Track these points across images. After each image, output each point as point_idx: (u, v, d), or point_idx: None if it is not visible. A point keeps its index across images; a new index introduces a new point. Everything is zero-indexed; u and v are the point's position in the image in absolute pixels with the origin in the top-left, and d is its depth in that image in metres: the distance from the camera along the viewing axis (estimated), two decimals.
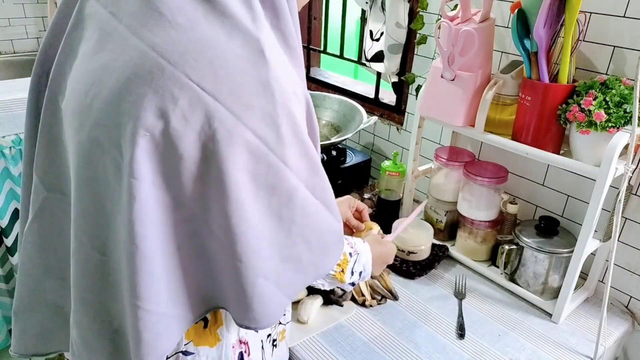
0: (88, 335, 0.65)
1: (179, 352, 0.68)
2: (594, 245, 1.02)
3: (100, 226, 0.60)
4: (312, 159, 0.63)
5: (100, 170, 0.57)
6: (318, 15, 1.87)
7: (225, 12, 0.54)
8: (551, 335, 1.02)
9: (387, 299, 1.10)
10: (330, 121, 1.61)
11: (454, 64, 1.05)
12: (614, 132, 0.89)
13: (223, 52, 0.53)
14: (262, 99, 0.55)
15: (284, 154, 0.58)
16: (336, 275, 0.79)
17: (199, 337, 0.69)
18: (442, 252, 1.23)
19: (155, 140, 0.52)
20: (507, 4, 1.14)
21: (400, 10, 1.36)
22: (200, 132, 0.53)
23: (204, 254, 0.61)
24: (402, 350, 0.96)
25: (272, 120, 0.56)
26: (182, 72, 0.51)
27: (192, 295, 0.63)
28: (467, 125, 1.10)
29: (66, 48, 0.61)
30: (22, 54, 2.39)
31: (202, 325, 0.69)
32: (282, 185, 0.59)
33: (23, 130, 0.70)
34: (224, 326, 0.70)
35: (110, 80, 0.53)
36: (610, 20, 0.99)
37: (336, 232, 0.71)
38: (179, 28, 0.52)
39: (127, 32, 0.54)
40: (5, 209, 1.63)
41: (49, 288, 0.71)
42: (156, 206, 0.55)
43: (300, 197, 0.62)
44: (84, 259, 0.62)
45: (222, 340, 0.70)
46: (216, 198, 0.56)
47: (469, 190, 1.17)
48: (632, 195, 1.05)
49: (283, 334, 0.83)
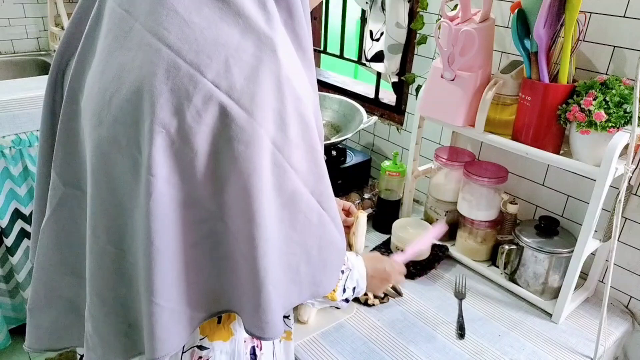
0: (103, 329, 0.66)
1: (194, 346, 0.69)
2: (594, 245, 1.02)
3: (117, 221, 0.61)
4: (319, 166, 0.62)
5: (118, 167, 0.58)
6: (318, 15, 1.87)
7: (239, 12, 0.55)
8: (551, 335, 1.02)
9: (390, 297, 1.10)
10: (330, 121, 1.61)
11: (454, 64, 1.05)
12: (614, 132, 0.89)
13: (237, 51, 0.54)
14: (274, 97, 0.55)
15: (291, 156, 0.58)
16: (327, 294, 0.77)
17: (213, 332, 0.70)
18: (442, 252, 1.23)
19: (171, 137, 0.53)
20: (507, 4, 1.14)
21: (400, 10, 1.36)
22: (213, 128, 0.54)
23: (219, 254, 0.61)
24: (402, 350, 0.96)
25: (281, 120, 0.56)
26: (196, 70, 0.52)
27: (203, 294, 0.63)
28: (467, 125, 1.10)
29: (86, 47, 0.62)
30: (22, 54, 2.39)
31: (216, 320, 0.69)
32: (286, 186, 0.59)
33: (23, 131, 0.70)
34: (236, 321, 0.71)
35: (128, 78, 0.54)
36: (610, 20, 0.99)
37: (339, 249, 0.70)
38: (194, 27, 0.53)
39: (143, 30, 0.55)
40: (5, 209, 1.63)
41: (65, 284, 0.72)
42: (172, 203, 0.56)
43: (304, 202, 0.61)
44: (100, 254, 0.63)
45: (235, 334, 0.71)
46: (233, 195, 0.56)
47: (469, 190, 1.17)
48: (632, 195, 1.05)
49: (290, 335, 0.83)
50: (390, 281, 0.95)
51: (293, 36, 0.60)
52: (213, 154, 0.55)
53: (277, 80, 0.55)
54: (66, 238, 0.69)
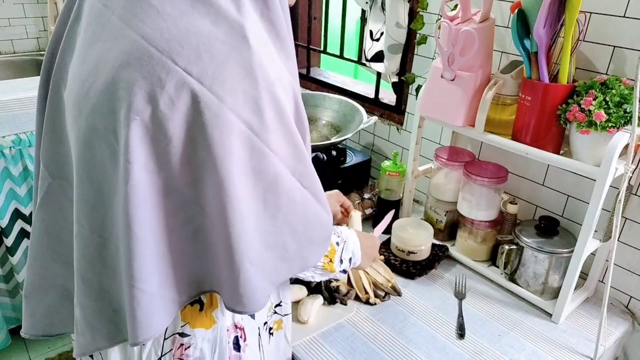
0: (89, 315, 0.68)
1: (176, 333, 0.70)
2: (594, 245, 1.02)
3: (98, 209, 0.63)
4: (298, 146, 0.64)
5: (98, 156, 0.60)
6: (318, 15, 1.87)
7: (210, 2, 0.57)
8: (551, 335, 1.02)
9: (391, 295, 1.10)
10: (330, 121, 1.61)
11: (454, 64, 1.05)
12: (614, 132, 0.89)
13: (208, 39, 0.56)
14: (246, 83, 0.57)
15: (269, 139, 0.60)
16: (325, 266, 0.79)
17: (195, 319, 0.71)
18: (442, 252, 1.23)
19: (146, 124, 0.55)
20: (507, 4, 1.14)
21: (400, 10, 1.36)
22: (187, 115, 0.55)
23: (199, 238, 0.63)
24: (402, 350, 0.96)
25: (255, 105, 0.58)
26: (168, 57, 0.54)
27: (184, 277, 0.65)
28: (467, 125, 1.10)
29: (68, 40, 0.64)
30: (22, 54, 2.39)
31: (198, 308, 0.71)
32: (268, 169, 0.61)
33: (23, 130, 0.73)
34: (219, 309, 0.72)
35: (105, 69, 0.56)
36: (610, 20, 0.99)
37: (324, 224, 0.72)
38: (166, 17, 0.55)
39: (119, 22, 0.57)
40: (5, 208, 1.63)
41: (56, 272, 0.74)
42: (150, 190, 0.57)
43: (286, 183, 0.63)
44: (84, 241, 0.65)
45: (217, 322, 0.72)
46: (208, 181, 0.58)
47: (469, 190, 1.17)
48: (632, 195, 1.05)
49: (280, 325, 0.84)
50: (376, 258, 0.98)
51: (270, 26, 0.62)
52: (188, 140, 0.56)
53: (249, 66, 0.57)
54: (55, 227, 0.71)
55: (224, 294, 0.65)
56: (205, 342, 0.72)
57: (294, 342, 0.96)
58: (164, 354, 0.70)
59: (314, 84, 1.86)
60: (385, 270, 1.13)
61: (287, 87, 0.63)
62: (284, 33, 0.64)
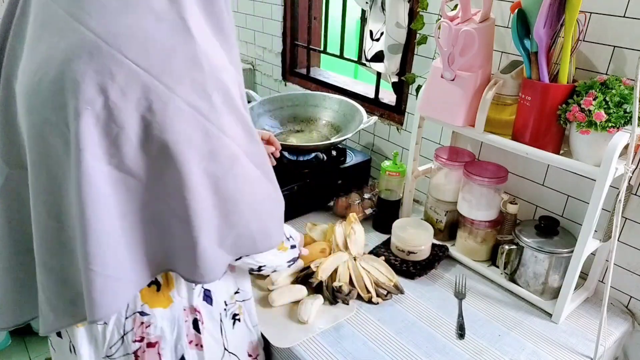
0: (52, 298, 0.71)
1: (137, 312, 0.74)
2: (594, 245, 1.02)
3: (54, 197, 0.65)
4: (247, 127, 0.68)
5: (51, 146, 0.62)
6: (318, 15, 1.87)
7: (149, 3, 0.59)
8: (551, 335, 1.02)
9: (393, 293, 1.10)
10: (330, 121, 1.61)
11: (454, 64, 1.05)
12: (614, 132, 0.89)
13: (153, 33, 0.58)
14: (193, 71, 0.60)
15: (221, 123, 0.63)
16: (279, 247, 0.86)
17: (152, 299, 0.75)
18: (442, 252, 1.23)
19: (97, 113, 0.57)
20: (507, 4, 1.14)
21: (400, 10, 1.36)
22: (137, 104, 0.58)
23: (157, 222, 0.66)
24: (402, 350, 0.96)
25: (203, 91, 0.61)
26: (117, 50, 0.56)
27: (142, 259, 0.68)
28: (467, 125, 1.10)
29: (17, 33, 0.66)
30: None
31: (155, 288, 0.75)
32: (223, 152, 0.64)
33: None
34: (175, 289, 0.77)
35: (55, 62, 0.58)
36: (610, 20, 0.99)
37: (278, 200, 0.77)
38: (113, 11, 0.58)
39: (66, 16, 0.58)
40: None
41: (20, 261, 0.76)
42: (101, 176, 0.60)
43: (241, 164, 0.67)
44: (43, 228, 0.67)
45: (174, 302, 0.77)
46: (164, 167, 0.61)
47: (469, 190, 1.17)
48: (632, 195, 1.05)
49: (240, 310, 0.89)
50: None
51: (213, 19, 0.65)
52: (140, 128, 0.59)
53: (195, 57, 0.60)
54: (15, 217, 0.74)
55: (181, 269, 0.69)
56: (165, 320, 0.76)
57: (294, 342, 0.96)
58: (126, 333, 0.74)
59: (314, 84, 1.86)
60: (386, 269, 1.13)
61: (233, 76, 0.66)
62: (227, 27, 0.67)
